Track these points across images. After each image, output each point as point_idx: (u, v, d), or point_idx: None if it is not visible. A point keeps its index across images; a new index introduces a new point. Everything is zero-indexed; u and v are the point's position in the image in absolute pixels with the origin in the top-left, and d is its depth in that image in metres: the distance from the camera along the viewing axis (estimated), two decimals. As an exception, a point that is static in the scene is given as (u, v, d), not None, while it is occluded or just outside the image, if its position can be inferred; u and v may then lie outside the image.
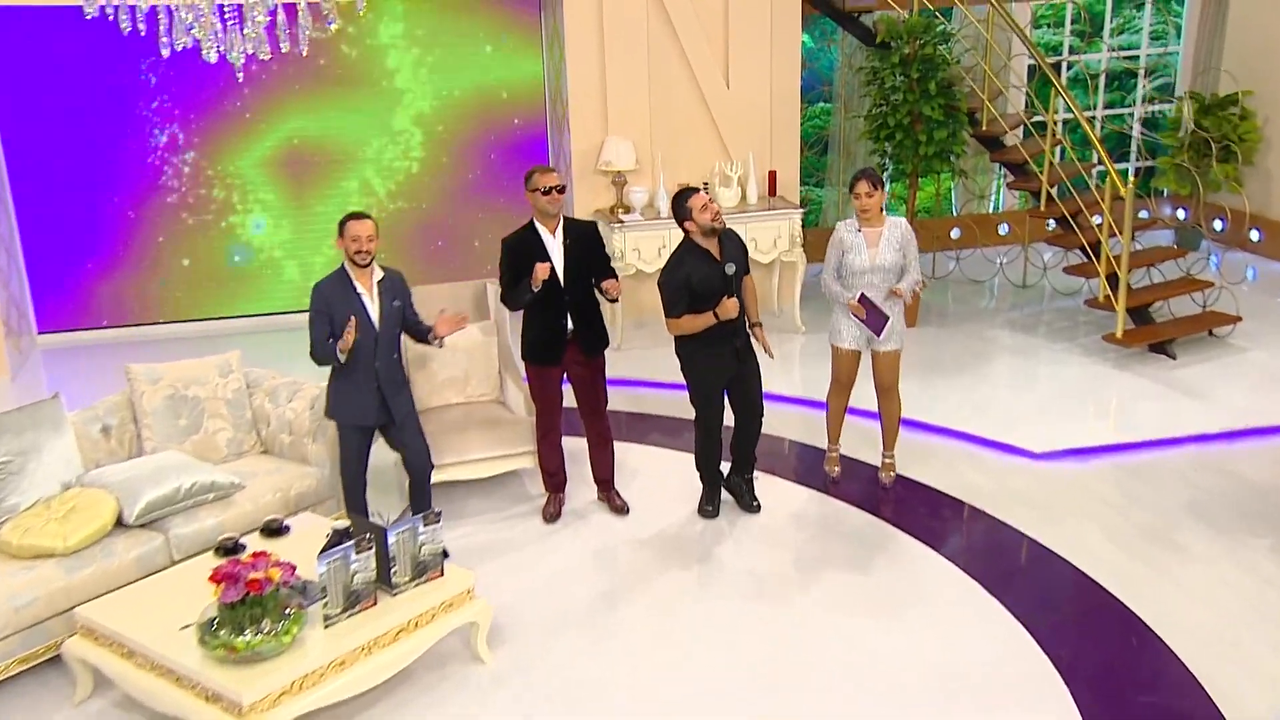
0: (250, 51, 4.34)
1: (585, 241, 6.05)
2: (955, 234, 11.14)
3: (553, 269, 5.89)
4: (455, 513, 6.44)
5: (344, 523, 5.07)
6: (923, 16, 8.84)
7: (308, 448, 6.11)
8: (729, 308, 5.76)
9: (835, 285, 6.30)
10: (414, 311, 5.89)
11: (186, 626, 4.50)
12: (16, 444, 5.40)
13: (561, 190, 5.95)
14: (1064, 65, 11.47)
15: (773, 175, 9.28)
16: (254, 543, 5.26)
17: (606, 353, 6.29)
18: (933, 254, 10.64)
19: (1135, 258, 8.74)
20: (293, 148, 9.52)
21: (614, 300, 6.02)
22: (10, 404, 7.96)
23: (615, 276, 6.12)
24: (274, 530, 5.35)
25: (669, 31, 9.01)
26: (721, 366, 6.01)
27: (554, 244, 5.98)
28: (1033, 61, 9.81)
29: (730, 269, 5.81)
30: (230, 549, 5.15)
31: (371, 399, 5.72)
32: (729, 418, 6.20)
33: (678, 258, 5.89)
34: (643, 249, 8.77)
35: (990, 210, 11.66)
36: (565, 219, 6.04)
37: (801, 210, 9.19)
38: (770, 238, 9.04)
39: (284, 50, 4.53)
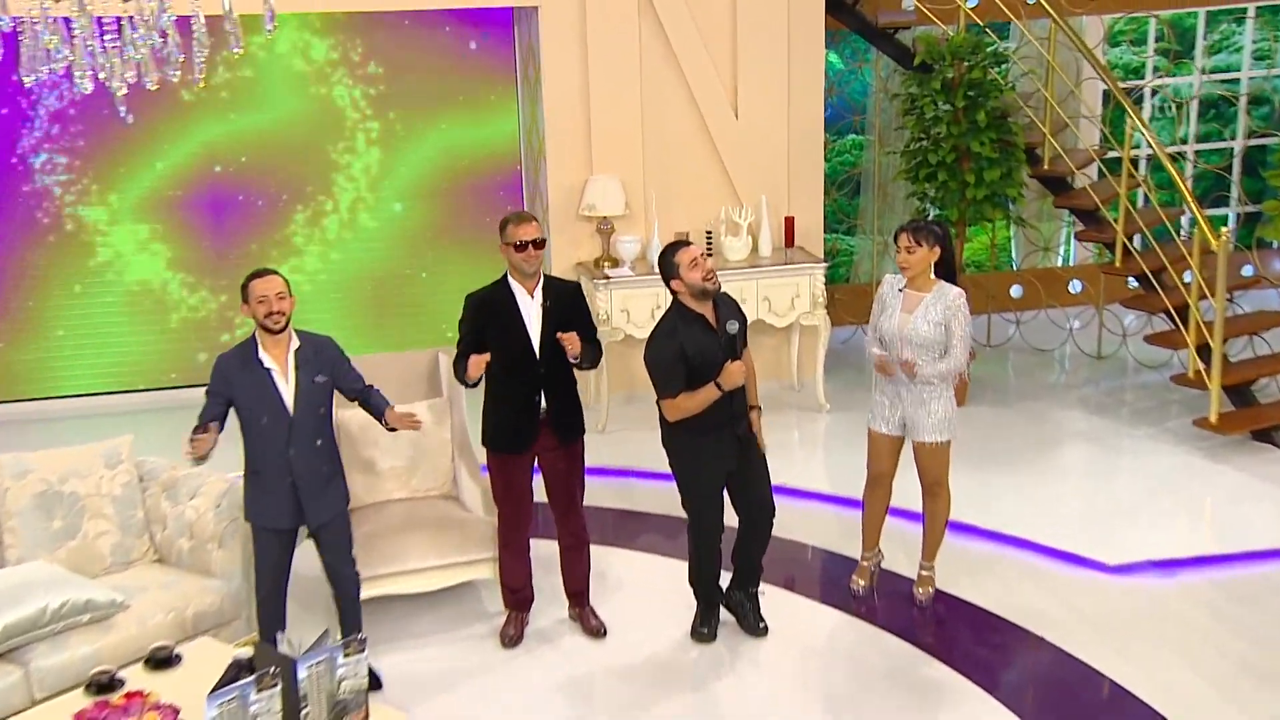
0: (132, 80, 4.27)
1: (567, 305, 5.97)
2: (1016, 292, 11.06)
3: (527, 336, 5.86)
4: (395, 633, 6.31)
5: (248, 651, 4.89)
6: (971, 34, 8.85)
7: (212, 556, 5.97)
8: (733, 373, 5.63)
9: (873, 348, 6.25)
10: (356, 379, 5.75)
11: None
12: None
13: (541, 245, 5.86)
14: (1147, 91, 11.41)
15: (790, 222, 9.24)
16: (135, 677, 5.06)
17: (586, 436, 6.21)
18: (988, 316, 10.56)
19: (1234, 324, 8.64)
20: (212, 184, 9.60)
21: (576, 362, 5.86)
22: None
23: (598, 345, 6.06)
24: (162, 661, 5.15)
25: (665, 49, 9.02)
26: (722, 458, 5.87)
27: (531, 306, 5.90)
28: (1107, 87, 9.78)
29: (733, 327, 5.70)
30: (104, 685, 4.95)
31: (285, 498, 5.58)
32: (730, 519, 6.06)
33: (668, 326, 5.80)
34: (633, 310, 8.68)
35: (1058, 265, 11.58)
36: (546, 277, 5.98)
37: (825, 264, 9.16)
38: (787, 297, 8.97)
39: (174, 78, 4.44)
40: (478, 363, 5.71)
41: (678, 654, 6.10)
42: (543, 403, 5.97)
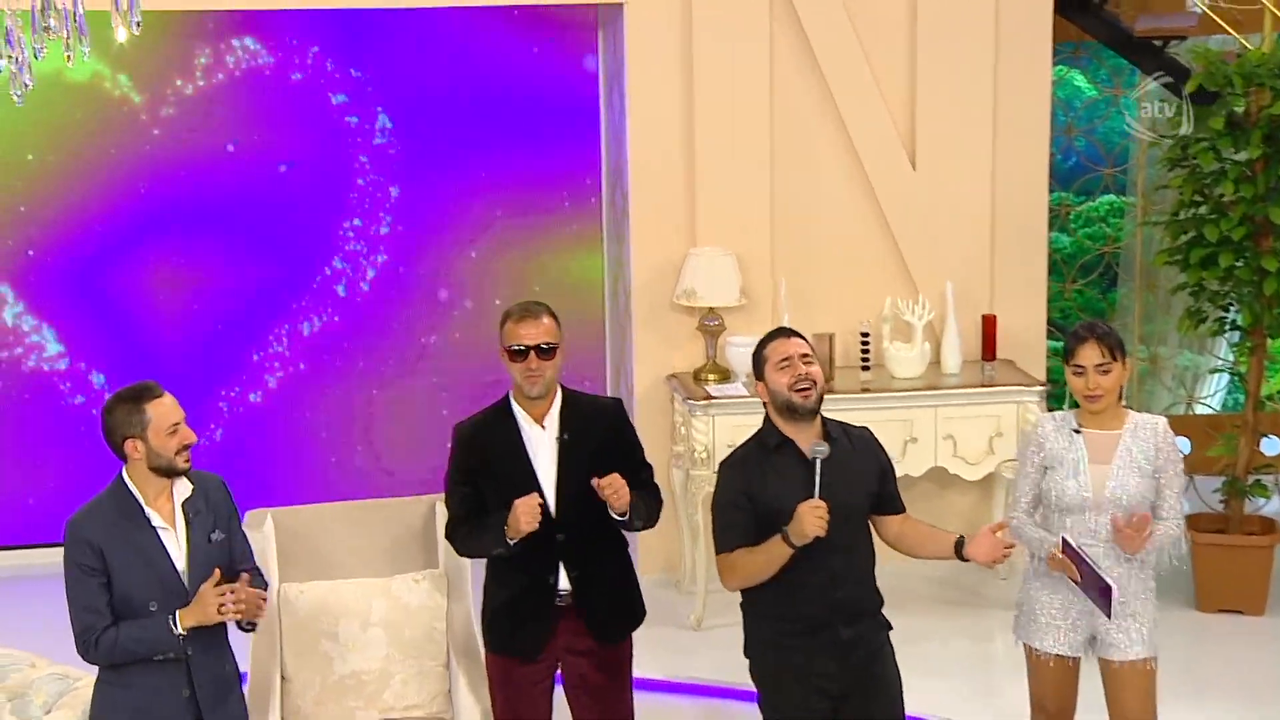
0: None
1: (599, 435, 5.94)
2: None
3: (536, 485, 5.82)
4: None
5: None
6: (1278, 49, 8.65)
7: (64, 799, 5.98)
8: (806, 520, 5.44)
9: (1031, 528, 6.09)
10: (244, 546, 5.82)
11: None
12: None
13: (548, 352, 5.84)
14: None
15: (991, 324, 9.16)
16: None
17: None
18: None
19: None
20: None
21: (622, 517, 5.81)
22: None
23: (656, 492, 6.03)
24: None
25: (808, 65, 9.09)
26: (815, 676, 5.70)
27: (541, 440, 5.88)
28: None
29: (820, 450, 5.56)
30: None
31: (177, 710, 5.55)
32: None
33: (740, 452, 5.78)
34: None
35: None
36: (566, 395, 5.97)
37: (1045, 387, 9.07)
38: (984, 435, 8.84)
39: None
40: (529, 508, 5.63)
41: None
42: (562, 583, 5.92)
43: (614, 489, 5.68)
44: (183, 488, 5.57)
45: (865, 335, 8.97)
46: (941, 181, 9.17)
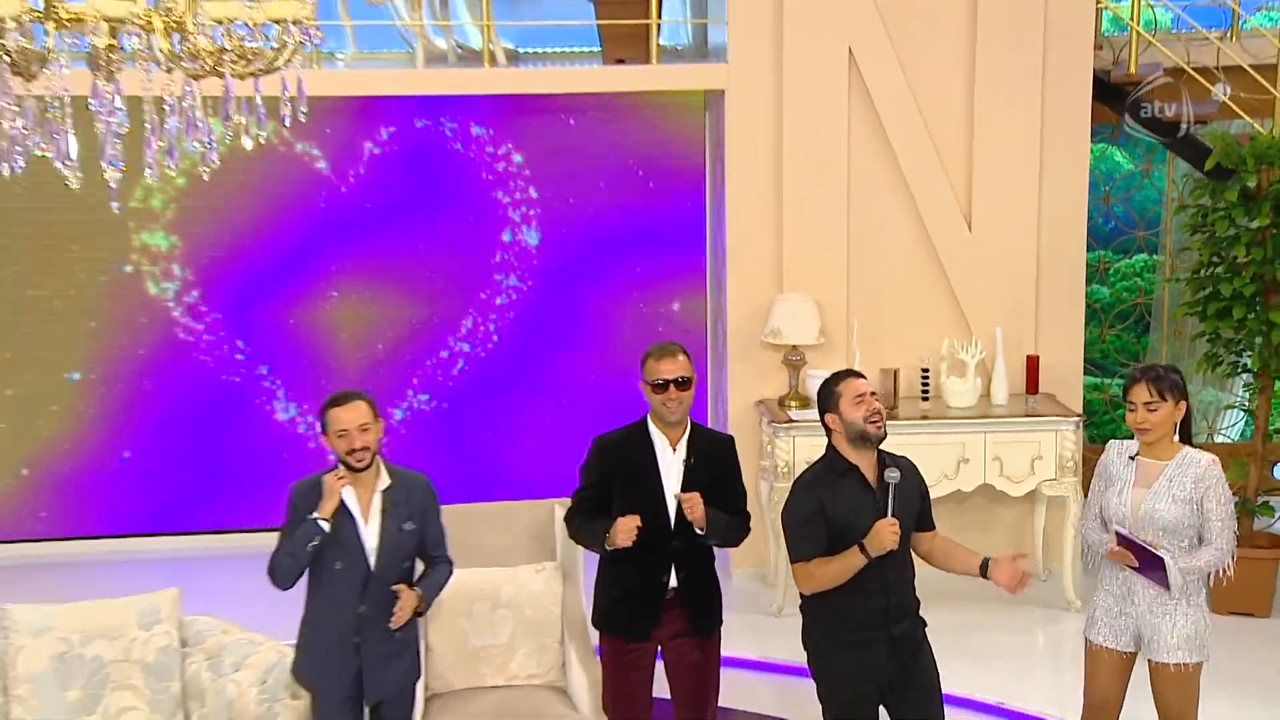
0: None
1: (717, 464, 5.97)
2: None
3: (662, 498, 5.87)
4: None
5: None
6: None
7: (250, 745, 6.11)
8: (883, 534, 5.50)
9: (1095, 533, 6.07)
10: (438, 538, 5.91)
11: None
12: None
13: (686, 384, 5.87)
14: None
15: (1034, 362, 9.13)
16: None
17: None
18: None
19: None
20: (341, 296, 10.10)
21: (701, 532, 5.83)
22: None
23: (745, 519, 6.05)
24: None
25: (879, 139, 9.11)
26: (872, 669, 5.74)
27: (670, 461, 5.92)
28: None
29: (893, 475, 5.60)
30: None
31: (346, 661, 5.72)
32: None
33: (810, 476, 5.79)
34: (819, 463, 8.68)
35: None
36: (694, 427, 6.00)
37: (1079, 418, 8.98)
38: (1027, 458, 8.82)
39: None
40: (628, 528, 5.72)
41: None
42: (673, 581, 5.96)
43: (690, 504, 5.74)
44: (384, 480, 5.70)
45: (925, 371, 9.01)
46: (993, 241, 9.15)
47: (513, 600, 6.72)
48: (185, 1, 4.23)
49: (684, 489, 5.86)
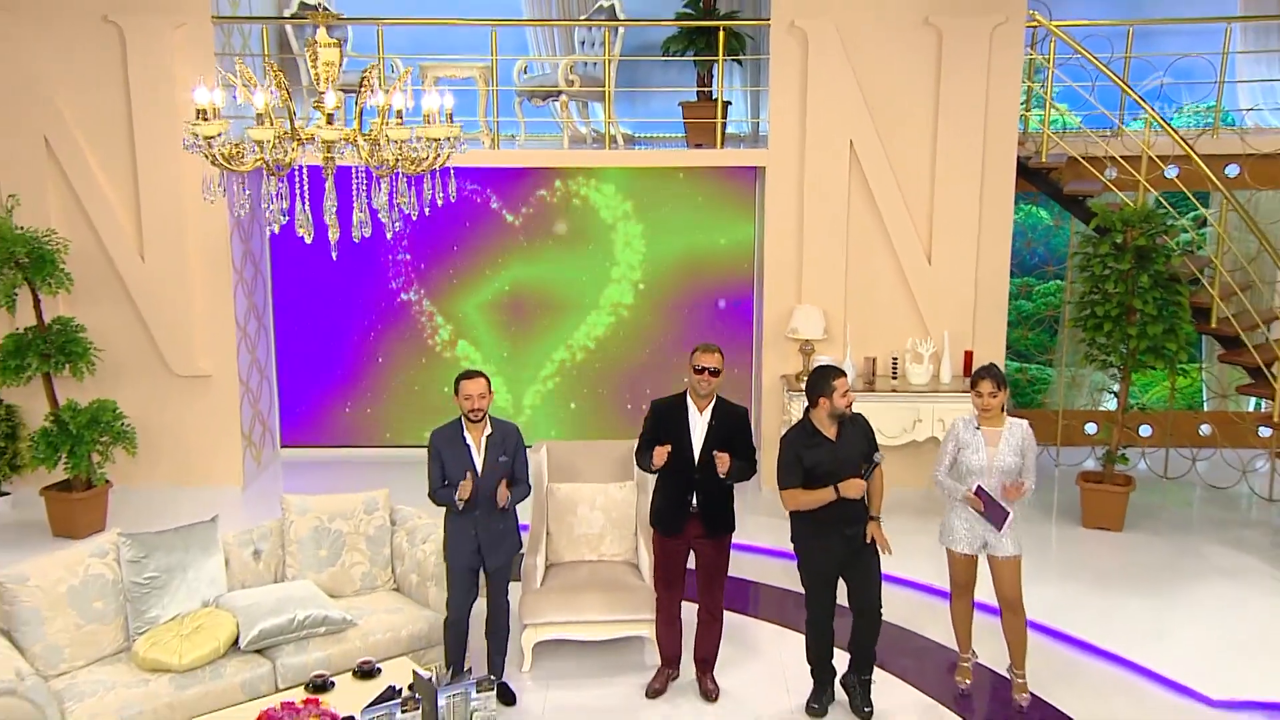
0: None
1: (731, 426, 6.07)
2: (1204, 430, 10.34)
3: (690, 445, 5.99)
4: (564, 671, 6.53)
5: (427, 673, 5.24)
6: (1146, 206, 8.49)
7: (430, 591, 6.39)
8: (853, 487, 5.67)
9: (949, 480, 6.09)
10: (524, 467, 6.06)
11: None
12: (165, 561, 6.00)
13: (716, 373, 6.00)
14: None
15: (969, 355, 9.03)
16: (345, 682, 5.54)
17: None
18: (1165, 450, 9.95)
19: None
20: (512, 294, 10.27)
21: (726, 477, 5.93)
22: (240, 509, 8.93)
23: (754, 464, 6.12)
24: (366, 673, 5.59)
25: (869, 201, 9.06)
26: (832, 554, 5.86)
27: (698, 422, 6.04)
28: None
29: (879, 457, 5.79)
30: (319, 686, 5.46)
31: (469, 545, 5.95)
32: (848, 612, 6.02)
33: (794, 436, 5.88)
34: (821, 421, 8.72)
35: (1251, 409, 10.73)
36: (719, 399, 6.10)
37: None
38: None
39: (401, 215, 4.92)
40: (661, 453, 5.92)
41: (786, 723, 6.03)
42: (694, 501, 6.07)
43: (721, 461, 5.86)
44: (488, 429, 5.93)
45: (895, 359, 9.00)
46: (945, 271, 9.08)
47: (604, 505, 6.91)
48: (377, 128, 4.45)
49: (707, 443, 5.98)
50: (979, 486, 5.95)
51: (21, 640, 5.64)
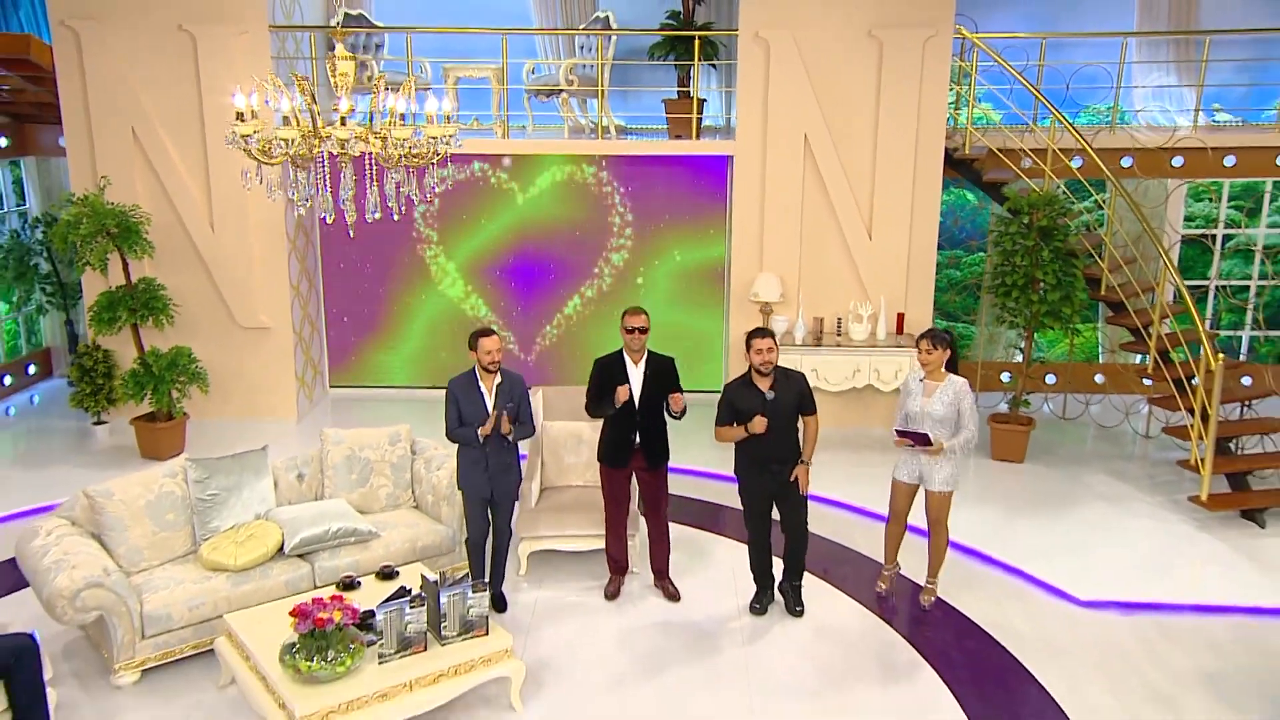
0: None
1: (662, 374, 6.09)
2: (1099, 379, 10.37)
3: (630, 392, 6.01)
4: (550, 575, 6.65)
5: (433, 576, 5.36)
6: (1049, 191, 8.46)
7: (442, 509, 6.52)
8: (756, 424, 5.71)
9: (897, 425, 6.16)
10: (528, 411, 6.09)
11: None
12: (224, 482, 6.14)
13: (644, 331, 5.99)
14: (1219, 237, 10.44)
15: (900, 317, 9.05)
16: (370, 582, 5.68)
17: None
18: (1064, 396, 10.01)
19: (1244, 426, 7.92)
20: (520, 259, 10.26)
21: (678, 415, 5.96)
22: (295, 439, 9.04)
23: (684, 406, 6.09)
24: (387, 575, 5.72)
25: (820, 187, 9.02)
26: (763, 486, 5.95)
27: (635, 372, 6.07)
28: (1188, 231, 9.14)
29: (771, 396, 5.76)
30: (348, 585, 5.59)
31: (481, 477, 5.98)
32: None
33: (732, 384, 5.94)
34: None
35: (1137, 362, 10.71)
36: (650, 353, 6.09)
37: None
38: (892, 369, 8.81)
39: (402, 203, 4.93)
40: (623, 391, 5.90)
41: (730, 621, 6.15)
42: (636, 439, 6.09)
43: (675, 400, 5.90)
44: (498, 379, 5.92)
45: (840, 319, 9.02)
46: (882, 245, 9.04)
47: (591, 439, 6.91)
48: (385, 128, 4.46)
49: (644, 390, 6.00)
50: (896, 431, 6.04)
51: (109, 543, 5.80)
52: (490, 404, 5.93)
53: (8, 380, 10.31)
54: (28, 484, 8.04)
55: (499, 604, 6.22)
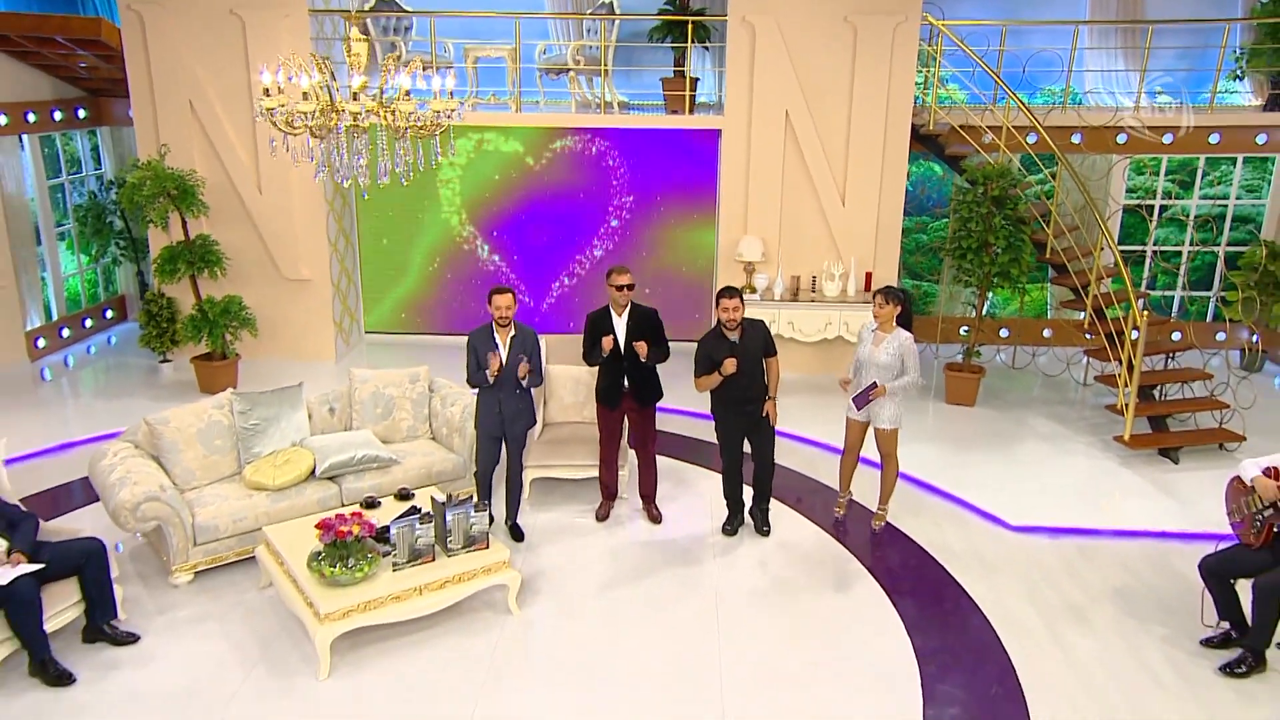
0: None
1: (645, 324, 6.10)
2: (1046, 334, 10.34)
3: (617, 341, 6.03)
4: (551, 499, 6.75)
5: (441, 498, 5.46)
6: (1001, 164, 8.36)
7: (454, 440, 6.61)
8: (728, 365, 5.73)
9: (850, 372, 6.19)
10: (537, 361, 6.05)
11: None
12: (265, 413, 6.25)
13: (630, 288, 5.96)
14: (1157, 207, 10.32)
15: (869, 275, 9.02)
16: (389, 502, 5.80)
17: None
18: (1014, 347, 10.00)
19: (1166, 375, 7.92)
20: (533, 219, 10.22)
21: (647, 360, 5.93)
22: (331, 377, 9.10)
23: (667, 349, 6.10)
24: (403, 496, 5.85)
25: (799, 158, 8.95)
26: (736, 423, 6.01)
27: (620, 324, 6.09)
28: (1128, 201, 9.03)
29: (736, 343, 5.76)
30: (370, 504, 5.73)
31: (495, 419, 6.00)
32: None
33: (706, 338, 5.95)
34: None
35: (1081, 318, 10.65)
36: (633, 305, 6.07)
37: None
38: (860, 323, 8.78)
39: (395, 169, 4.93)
40: (608, 341, 5.92)
41: (704, 540, 6.26)
42: (625, 382, 6.13)
43: (639, 348, 5.86)
44: (512, 331, 5.87)
45: (814, 277, 9.00)
46: (855, 212, 8.98)
47: (589, 381, 6.93)
48: (395, 101, 4.47)
49: (628, 336, 5.99)
50: (841, 380, 6.11)
51: (166, 464, 5.95)
52: (505, 354, 5.90)
53: (89, 323, 10.45)
54: (106, 412, 8.20)
55: (516, 534, 6.22)
